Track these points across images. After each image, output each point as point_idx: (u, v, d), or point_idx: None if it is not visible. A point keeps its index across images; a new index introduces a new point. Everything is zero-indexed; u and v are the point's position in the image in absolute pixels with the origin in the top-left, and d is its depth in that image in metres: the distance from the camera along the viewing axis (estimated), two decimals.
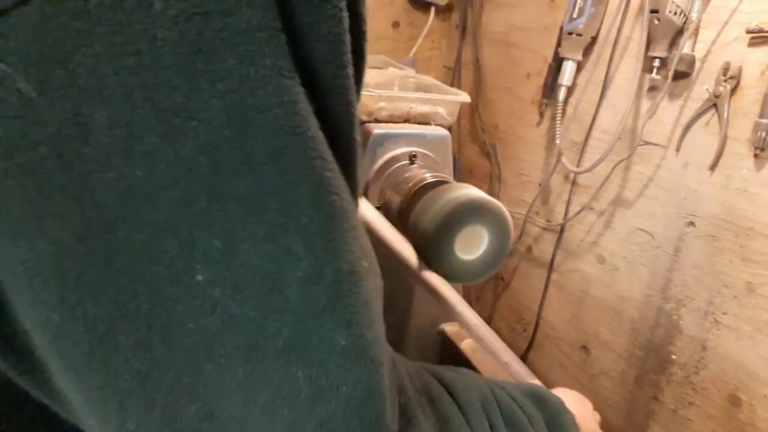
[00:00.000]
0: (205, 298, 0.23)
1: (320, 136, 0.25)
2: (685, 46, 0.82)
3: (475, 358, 0.71)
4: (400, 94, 0.84)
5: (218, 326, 0.23)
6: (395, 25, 1.41)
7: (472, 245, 0.62)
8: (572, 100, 1.05)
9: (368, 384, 0.26)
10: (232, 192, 0.23)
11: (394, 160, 0.79)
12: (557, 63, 1.04)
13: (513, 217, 0.64)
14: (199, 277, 0.23)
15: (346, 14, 0.25)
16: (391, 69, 1.08)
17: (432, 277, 0.59)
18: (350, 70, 0.27)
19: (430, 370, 0.41)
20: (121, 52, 0.21)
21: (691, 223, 0.86)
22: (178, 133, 0.22)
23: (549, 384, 1.17)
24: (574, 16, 0.98)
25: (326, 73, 0.26)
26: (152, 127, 0.22)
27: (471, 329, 0.59)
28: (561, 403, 0.48)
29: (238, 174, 0.23)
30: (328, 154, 0.25)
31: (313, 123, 0.25)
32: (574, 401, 0.52)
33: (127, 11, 0.21)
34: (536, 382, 0.56)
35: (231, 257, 0.23)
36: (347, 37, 0.26)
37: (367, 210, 0.63)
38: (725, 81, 0.78)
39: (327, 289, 0.25)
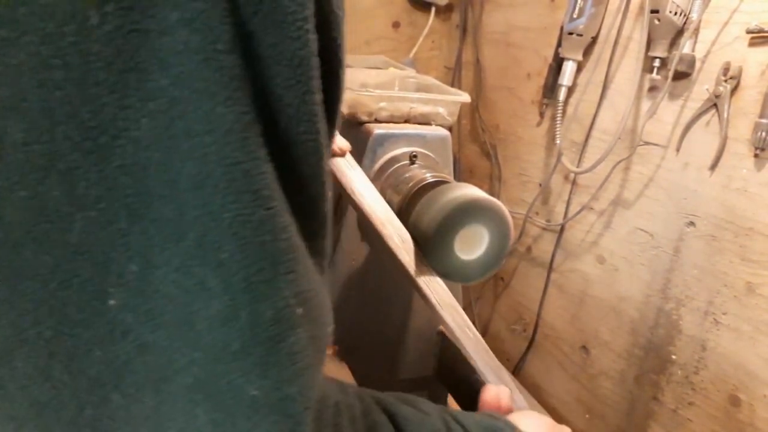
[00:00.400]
0: (116, 323, 0.22)
1: (261, 170, 0.23)
2: (686, 46, 0.82)
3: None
4: (401, 95, 0.84)
5: (129, 354, 0.22)
6: (395, 25, 1.41)
7: (472, 245, 0.62)
8: (572, 100, 1.05)
9: None
10: (154, 215, 0.22)
11: (395, 160, 0.79)
12: (557, 63, 1.05)
13: (513, 217, 0.64)
14: (112, 302, 0.22)
15: (313, 37, 0.24)
16: (391, 69, 1.08)
17: (426, 279, 0.59)
18: (318, 97, 0.25)
19: (384, 405, 0.39)
20: (48, 65, 0.20)
21: (691, 223, 0.86)
22: (103, 151, 0.21)
23: (548, 384, 1.17)
24: (575, 16, 0.98)
25: (291, 98, 0.24)
26: (75, 144, 0.21)
27: (449, 332, 0.59)
28: None
29: (161, 198, 0.22)
30: (268, 189, 0.24)
31: (253, 155, 0.23)
32: (542, 429, 0.50)
33: (58, 22, 0.20)
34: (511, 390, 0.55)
35: (147, 282, 0.22)
36: (315, 61, 0.24)
37: (375, 202, 0.62)
38: (725, 81, 0.78)
39: (241, 333, 0.23)
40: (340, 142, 0.69)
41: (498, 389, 0.55)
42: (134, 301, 0.22)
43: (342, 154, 0.69)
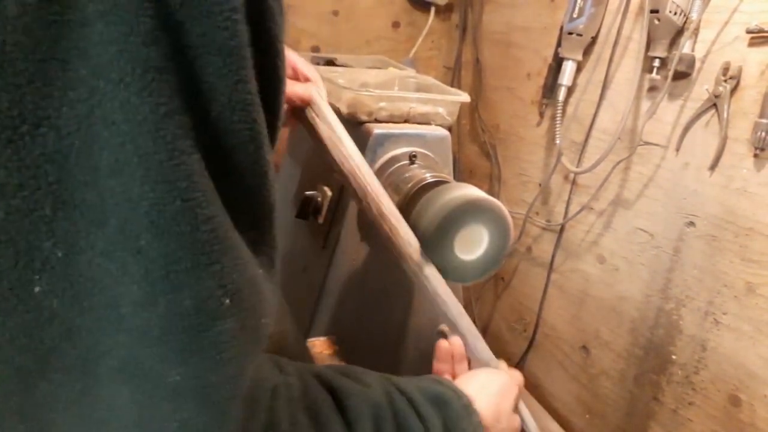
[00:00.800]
0: (42, 309, 0.22)
1: (182, 160, 0.24)
2: (685, 46, 0.82)
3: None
4: (400, 94, 0.84)
5: (55, 339, 0.23)
6: (395, 25, 1.41)
7: (472, 245, 0.62)
8: (572, 100, 1.05)
9: (205, 425, 0.25)
10: (78, 202, 0.22)
11: (394, 160, 0.79)
12: (557, 63, 1.04)
13: (513, 217, 0.64)
14: (37, 289, 0.22)
15: (243, 27, 0.24)
16: (391, 69, 1.08)
17: (431, 274, 0.59)
18: (252, 86, 0.25)
19: (326, 379, 0.40)
20: None
21: (691, 223, 0.86)
22: (24, 140, 0.21)
23: (548, 384, 1.17)
24: (574, 16, 0.98)
25: (223, 88, 0.24)
26: None
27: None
28: (466, 406, 0.46)
29: (85, 185, 0.22)
30: (189, 180, 0.24)
31: (174, 145, 0.23)
32: (491, 388, 0.50)
33: None
34: None
35: (72, 267, 0.22)
36: (247, 51, 0.25)
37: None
38: (725, 81, 0.78)
39: (160, 320, 0.24)
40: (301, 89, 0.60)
41: (451, 341, 0.55)
42: (60, 286, 0.23)
43: (304, 104, 0.60)
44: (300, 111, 0.61)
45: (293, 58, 0.61)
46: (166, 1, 0.22)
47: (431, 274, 0.59)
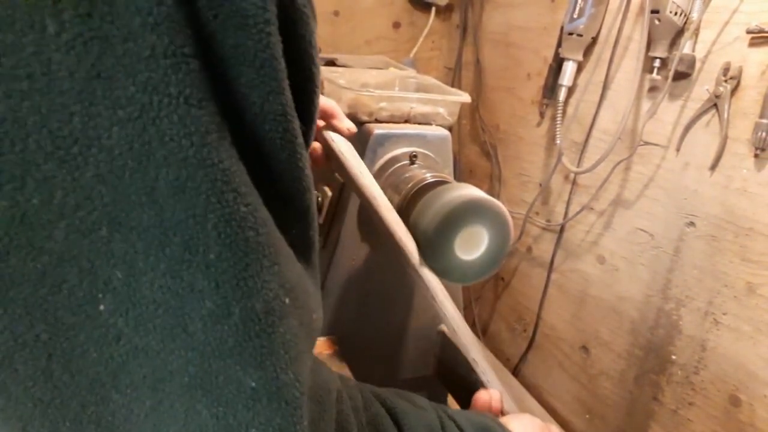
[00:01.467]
0: (108, 327, 0.22)
1: (236, 168, 0.24)
2: (686, 47, 0.82)
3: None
4: (401, 95, 0.84)
5: (123, 356, 0.23)
6: (396, 25, 1.41)
7: (472, 245, 0.62)
8: (572, 101, 1.05)
9: (281, 426, 0.25)
10: (134, 223, 0.22)
11: (395, 160, 0.79)
12: (558, 63, 1.05)
13: (513, 217, 0.64)
14: (102, 307, 0.22)
15: (276, 38, 0.24)
16: (391, 69, 1.08)
17: (428, 276, 0.59)
18: (286, 96, 0.25)
19: (383, 398, 0.41)
20: (12, 75, 0.20)
21: (691, 223, 0.86)
22: (76, 160, 0.21)
23: (548, 384, 1.17)
24: (575, 16, 0.98)
25: (256, 99, 0.24)
26: (48, 154, 0.21)
27: (453, 332, 0.60)
28: None
29: (141, 205, 0.22)
30: (245, 186, 0.24)
31: (228, 154, 0.23)
32: (531, 430, 0.52)
33: (17, 32, 0.20)
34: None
35: (133, 289, 0.22)
36: (280, 63, 0.24)
37: (379, 198, 0.63)
38: (725, 81, 0.78)
39: (235, 328, 0.24)
40: (346, 123, 0.69)
41: (490, 392, 0.56)
42: (123, 307, 0.22)
43: (348, 134, 0.69)
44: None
45: None
46: (200, 13, 0.22)
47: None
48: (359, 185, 0.64)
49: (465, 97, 0.85)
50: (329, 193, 0.85)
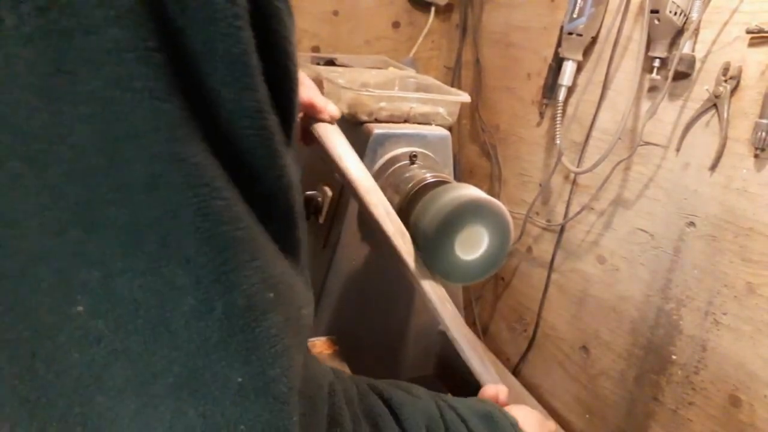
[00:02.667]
0: (88, 329, 0.22)
1: (209, 163, 0.23)
2: (686, 47, 0.82)
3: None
4: (401, 94, 0.84)
5: (105, 358, 0.22)
6: (395, 25, 1.41)
7: (472, 245, 0.62)
8: (572, 101, 1.05)
9: (270, 422, 0.25)
10: (107, 222, 0.21)
11: (395, 160, 0.79)
12: (557, 63, 1.05)
13: (513, 217, 0.64)
14: (80, 308, 0.22)
15: (247, 33, 0.23)
16: (391, 69, 1.08)
17: (424, 280, 0.59)
18: (261, 93, 0.25)
19: (379, 390, 0.40)
20: None
21: (691, 223, 0.86)
22: (41, 158, 0.20)
23: (548, 384, 1.17)
24: (575, 16, 0.98)
25: (228, 94, 0.24)
26: (13, 151, 0.20)
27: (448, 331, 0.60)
28: (514, 425, 0.48)
29: (113, 204, 0.21)
30: (219, 180, 0.24)
31: (199, 148, 0.23)
32: (531, 420, 0.51)
33: None
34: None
35: (111, 290, 0.22)
36: (252, 58, 0.24)
37: (377, 199, 0.62)
38: (725, 81, 0.78)
39: (219, 324, 0.24)
40: (329, 108, 0.67)
41: (497, 387, 0.55)
42: (102, 308, 0.22)
43: (331, 121, 0.67)
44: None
45: None
46: (166, 7, 0.22)
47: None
48: (347, 176, 0.63)
49: (465, 97, 0.85)
50: (329, 193, 0.85)
